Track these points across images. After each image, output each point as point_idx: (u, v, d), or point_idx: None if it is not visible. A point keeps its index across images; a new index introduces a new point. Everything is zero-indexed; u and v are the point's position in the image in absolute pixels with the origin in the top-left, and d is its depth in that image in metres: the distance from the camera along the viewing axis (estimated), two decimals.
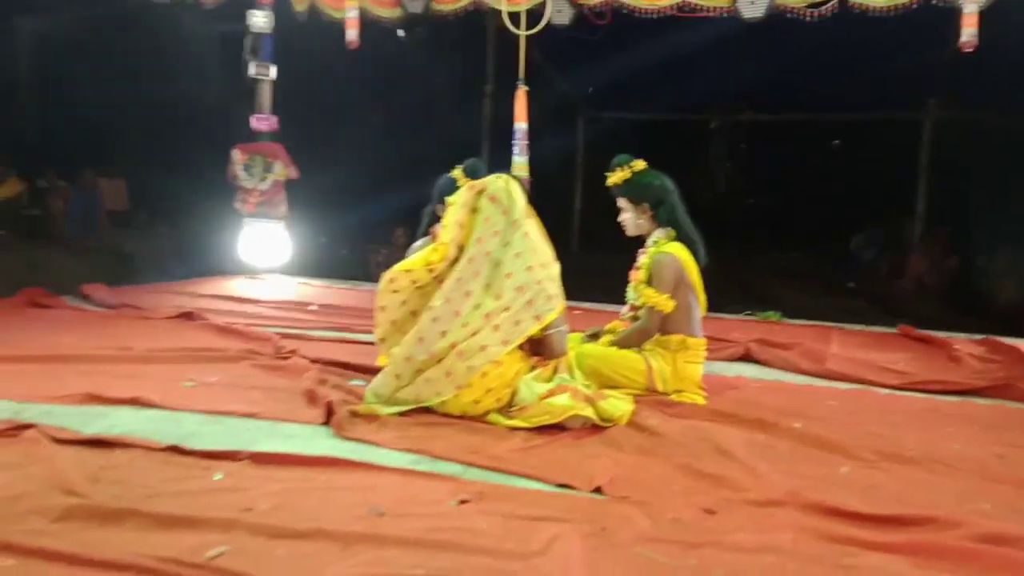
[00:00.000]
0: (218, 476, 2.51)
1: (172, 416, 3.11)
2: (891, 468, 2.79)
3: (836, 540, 2.17)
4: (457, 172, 4.08)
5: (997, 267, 11.16)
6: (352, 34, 6.49)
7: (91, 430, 2.84)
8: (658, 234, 3.67)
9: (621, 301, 3.86)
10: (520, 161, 5.49)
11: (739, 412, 3.34)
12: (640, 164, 3.69)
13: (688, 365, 3.60)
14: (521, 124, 5.55)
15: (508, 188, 3.37)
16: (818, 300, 10.05)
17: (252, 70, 7.19)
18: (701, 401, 3.53)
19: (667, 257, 3.55)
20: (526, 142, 5.48)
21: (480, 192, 3.37)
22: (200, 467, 2.58)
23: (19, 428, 2.78)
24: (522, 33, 5.92)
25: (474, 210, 3.35)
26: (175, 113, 13.76)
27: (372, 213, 10.13)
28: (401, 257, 9.62)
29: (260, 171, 7.31)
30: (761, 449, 2.95)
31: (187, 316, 4.98)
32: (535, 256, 3.29)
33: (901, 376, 4.13)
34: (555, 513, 2.31)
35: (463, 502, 2.38)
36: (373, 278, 9.50)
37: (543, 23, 5.91)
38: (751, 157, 15.60)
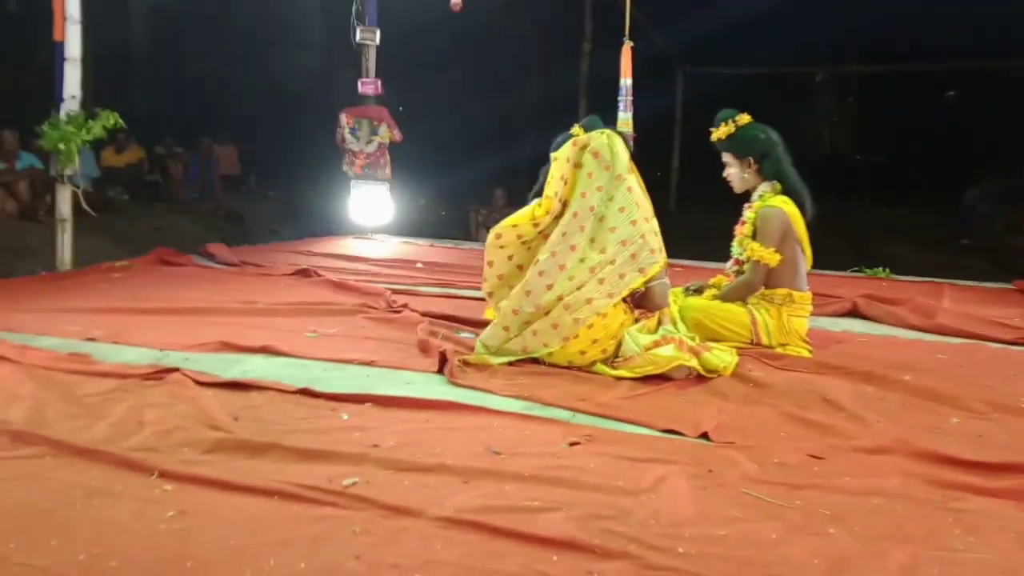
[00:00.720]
0: (345, 416, 2.70)
1: (299, 363, 3.33)
2: (1002, 419, 2.78)
3: (944, 485, 2.20)
4: (576, 130, 4.14)
5: None
6: None
7: (229, 374, 3.08)
8: (764, 188, 3.68)
9: (718, 258, 3.90)
10: (624, 117, 5.52)
11: (846, 365, 3.35)
12: (745, 118, 3.69)
13: (793, 319, 3.62)
14: (626, 80, 5.56)
15: (611, 143, 3.43)
16: (930, 257, 9.74)
17: (358, 35, 7.38)
18: (807, 354, 3.55)
19: (773, 210, 3.56)
20: (631, 98, 5.50)
21: (583, 147, 3.44)
22: (328, 408, 2.78)
23: (164, 371, 3.04)
24: None
25: (577, 165, 3.43)
26: (281, 78, 14.25)
27: (471, 174, 10.30)
28: (502, 217, 9.77)
29: (367, 134, 7.54)
30: (869, 400, 2.96)
31: (304, 273, 5.25)
32: (638, 210, 3.35)
33: (1015, 331, 4.04)
34: (662, 455, 2.41)
35: (573, 444, 2.50)
36: (473, 237, 9.75)
37: None
38: (859, 110, 15.05)
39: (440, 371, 3.24)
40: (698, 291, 3.88)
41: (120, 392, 2.85)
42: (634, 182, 3.40)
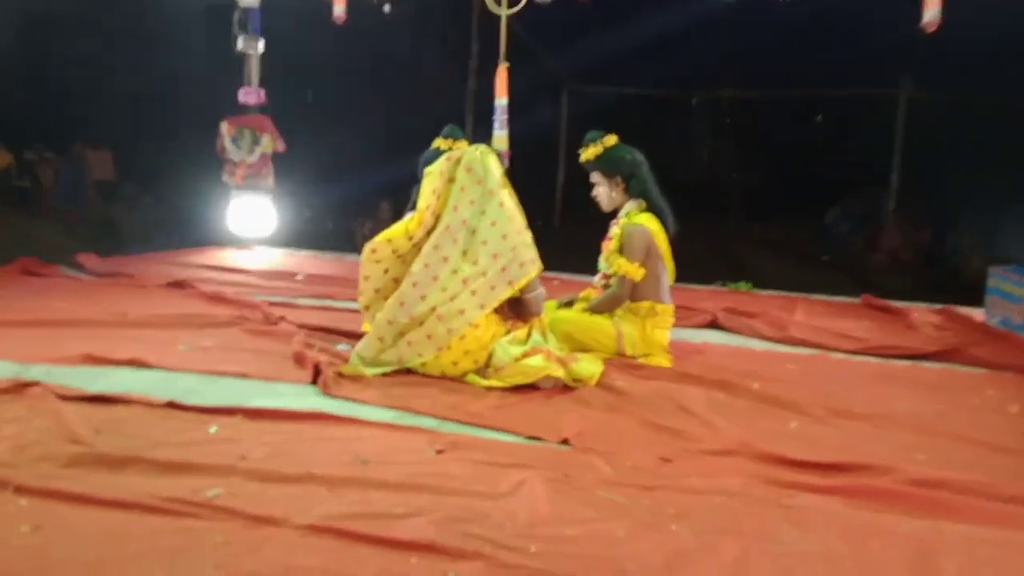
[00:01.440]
0: (214, 429, 2.70)
1: (169, 376, 3.30)
2: (837, 423, 3.03)
3: (779, 484, 2.39)
4: (439, 142, 4.25)
5: (966, 241, 11.46)
6: (339, 9, 6.60)
7: (93, 388, 3.02)
8: (630, 206, 3.87)
9: (596, 272, 4.06)
10: (500, 135, 5.68)
11: (703, 374, 3.56)
12: (612, 139, 3.88)
13: (656, 330, 3.82)
14: (502, 100, 5.73)
15: (483, 159, 3.54)
16: (793, 272, 10.30)
17: (240, 44, 7.29)
18: (667, 364, 3.75)
19: (638, 228, 3.76)
20: (506, 117, 5.67)
21: (457, 162, 3.55)
22: (197, 421, 2.77)
23: (24, 386, 2.96)
24: (503, 12, 6.05)
25: (451, 179, 3.54)
26: (161, 85, 13.80)
27: (357, 187, 10.27)
28: (385, 230, 9.71)
29: (248, 144, 7.43)
30: (719, 406, 3.17)
31: (179, 285, 5.15)
32: (510, 224, 3.48)
33: (858, 342, 4.36)
34: (523, 461, 2.52)
35: (439, 452, 2.59)
36: (359, 250, 9.70)
37: (522, 3, 6.04)
38: (733, 132, 15.78)
39: (314, 383, 3.27)
40: (569, 304, 4.04)
41: None
42: (506, 197, 3.52)
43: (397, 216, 9.53)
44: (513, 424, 2.85)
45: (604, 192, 3.92)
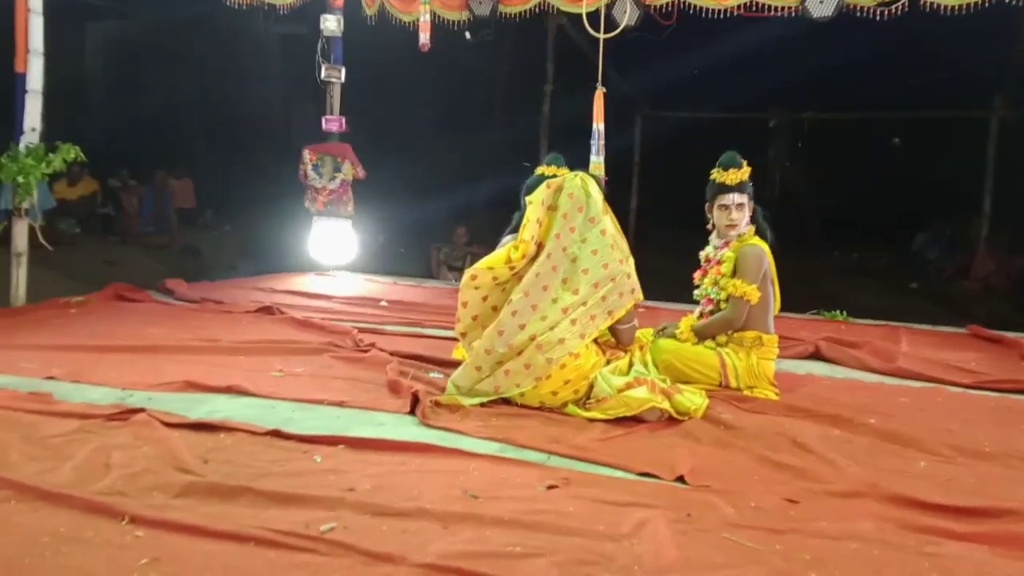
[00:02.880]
0: (318, 459, 2.66)
1: (267, 403, 3.28)
2: (968, 463, 2.83)
3: (917, 530, 2.23)
4: (542, 168, 4.19)
5: None
6: (424, 37, 6.64)
7: (195, 415, 3.02)
8: (744, 229, 3.76)
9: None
10: (597, 160, 5.61)
11: (813, 408, 3.40)
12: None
13: (762, 361, 3.67)
14: (599, 124, 5.66)
15: (585, 186, 3.47)
16: (882, 300, 9.96)
17: (324, 73, 7.38)
18: (774, 397, 3.59)
19: (756, 249, 3.66)
20: (603, 142, 5.59)
21: (558, 190, 3.47)
22: (300, 450, 2.73)
23: (129, 412, 2.97)
24: (601, 36, 6.01)
25: (552, 208, 3.46)
26: (238, 114, 14.18)
27: (431, 212, 10.30)
28: (463, 254, 9.71)
29: (330, 171, 7.50)
30: (838, 443, 3.00)
31: (266, 310, 5.18)
32: (611, 253, 3.38)
33: (973, 375, 4.13)
34: (640, 499, 2.41)
35: (551, 487, 2.49)
36: (434, 275, 9.72)
37: (622, 27, 6.00)
38: (812, 156, 15.42)
39: (412, 412, 3.21)
40: (667, 333, 3.91)
41: (84, 433, 2.78)
42: (608, 224, 3.43)
43: (473, 241, 9.45)
44: (622, 459, 2.74)
45: (746, 215, 3.79)
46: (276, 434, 2.85)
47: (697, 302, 3.95)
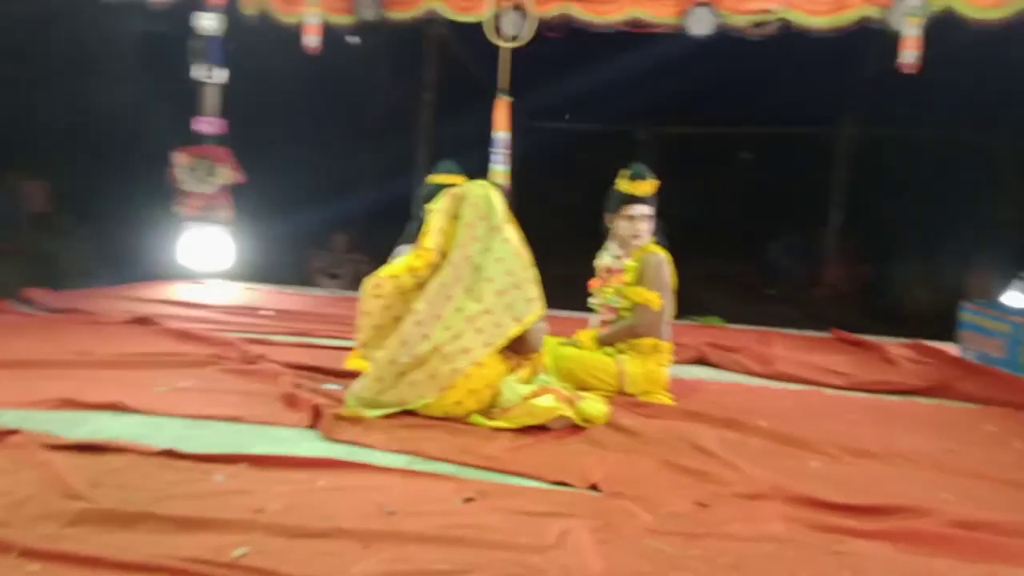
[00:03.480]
0: (220, 478, 2.52)
1: (154, 421, 3.08)
2: (856, 462, 3.00)
3: (824, 529, 2.33)
4: (436, 177, 4.14)
5: (907, 275, 11.82)
6: (313, 40, 6.48)
7: (76, 436, 2.80)
8: (646, 240, 3.85)
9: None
10: (500, 169, 5.61)
11: (707, 412, 3.51)
12: None
13: (658, 368, 3.76)
14: (502, 133, 5.67)
15: (487, 195, 3.46)
16: (744, 306, 10.44)
17: (198, 72, 7.07)
18: (670, 402, 3.69)
19: (657, 257, 3.76)
20: (507, 151, 5.60)
21: (460, 198, 3.45)
22: (199, 470, 2.58)
23: (4, 434, 2.72)
24: (505, 45, 6.03)
25: (455, 216, 3.43)
26: (96, 114, 13.35)
27: (309, 219, 10.03)
28: (341, 262, 9.50)
29: (204, 175, 7.20)
30: (734, 446, 3.11)
31: (141, 321, 4.89)
32: (516, 260, 3.39)
33: (845, 377, 4.39)
34: (559, 509, 2.40)
35: (468, 500, 2.46)
36: (312, 283, 9.47)
37: (529, 37, 6.05)
38: (676, 168, 16.02)
39: (313, 426, 3.10)
40: (572, 343, 3.95)
41: None
42: (511, 233, 3.43)
43: (353, 247, 9.24)
44: (535, 469, 2.74)
45: (651, 227, 3.87)
46: (170, 454, 2.67)
47: (591, 309, 4.02)
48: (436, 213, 3.42)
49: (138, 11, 6.95)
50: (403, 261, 3.40)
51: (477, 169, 5.82)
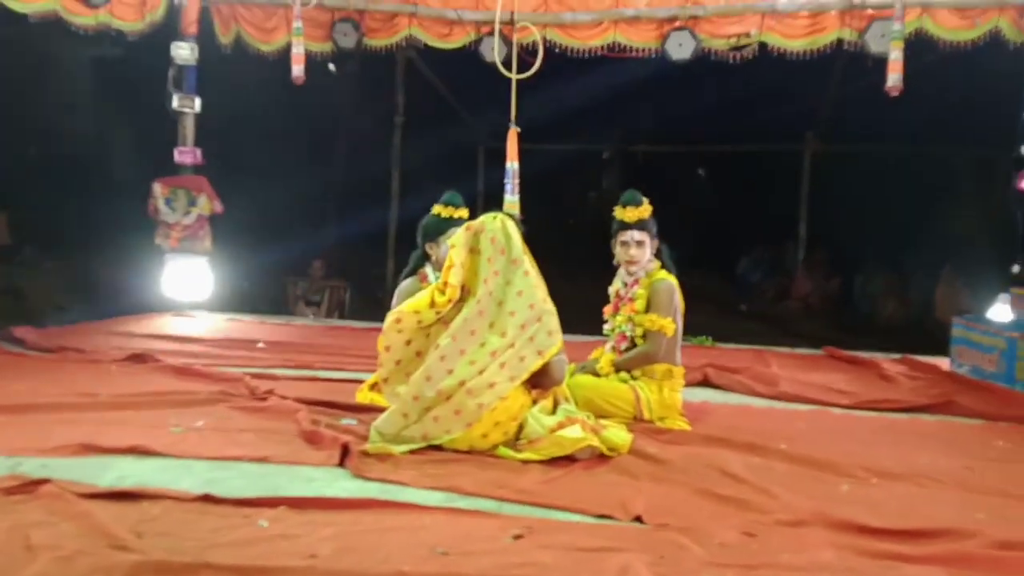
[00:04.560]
0: (264, 523, 2.49)
1: (178, 464, 3.03)
2: (883, 484, 3.04)
3: (873, 555, 2.36)
4: (438, 208, 4.13)
5: (875, 289, 12.05)
6: (298, 70, 6.47)
7: (104, 482, 2.75)
8: (649, 265, 3.87)
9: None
10: (512, 200, 5.62)
11: (726, 436, 3.54)
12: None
13: (672, 393, 3.79)
14: (513, 163, 5.70)
15: (505, 227, 3.47)
16: (714, 321, 10.54)
17: (176, 102, 7.00)
18: (687, 427, 3.72)
19: (667, 283, 3.79)
20: (517, 181, 5.62)
21: (478, 233, 3.46)
22: (240, 515, 2.54)
23: (32, 484, 2.66)
24: (514, 76, 6.07)
25: (474, 251, 3.44)
26: (53, 142, 13.08)
27: (285, 247, 9.93)
28: (320, 289, 9.40)
29: (184, 205, 7.10)
30: (761, 471, 3.14)
31: (138, 358, 4.80)
32: (536, 292, 3.40)
33: (849, 396, 4.46)
34: (610, 543, 2.41)
35: (518, 537, 2.45)
36: (291, 311, 9.37)
37: (536, 68, 6.11)
38: (644, 186, 16.21)
39: (341, 464, 3.07)
40: (589, 370, 3.97)
41: None
42: (529, 264, 3.44)
43: (330, 275, 9.17)
44: (575, 502, 2.74)
45: (647, 252, 3.90)
46: (207, 499, 2.64)
47: (605, 335, 4.04)
48: (456, 249, 3.42)
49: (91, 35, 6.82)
50: (424, 296, 3.39)
51: (452, 190, 5.85)
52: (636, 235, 3.92)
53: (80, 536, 2.31)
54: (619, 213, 3.95)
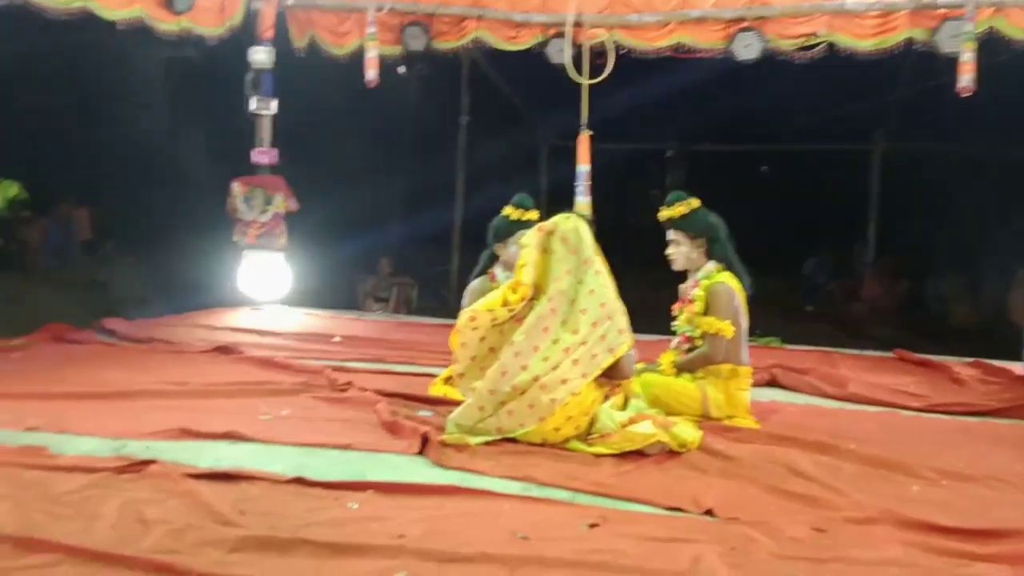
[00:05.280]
0: (354, 505, 2.64)
1: (270, 449, 3.21)
2: (954, 486, 3.07)
3: (941, 553, 2.41)
4: (508, 210, 4.27)
5: (947, 291, 11.81)
6: (372, 73, 6.66)
7: (203, 464, 2.94)
8: (710, 267, 3.93)
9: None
10: (583, 201, 5.74)
11: (794, 435, 3.59)
12: (696, 201, 3.96)
13: (739, 392, 3.86)
14: (584, 166, 5.81)
15: (577, 228, 3.57)
16: (779, 322, 10.47)
17: (253, 105, 7.26)
18: (755, 425, 3.78)
19: (724, 286, 3.84)
20: (588, 183, 5.73)
21: (550, 233, 3.57)
22: (331, 498, 2.71)
23: (140, 464, 2.86)
24: (585, 81, 6.17)
25: (546, 251, 3.55)
26: (128, 140, 13.58)
27: (357, 244, 10.19)
28: (388, 286, 9.64)
29: (261, 204, 7.37)
30: (830, 470, 3.19)
31: (223, 350, 5.04)
32: (607, 291, 3.50)
33: (920, 399, 4.45)
34: (683, 535, 2.51)
35: (593, 525, 2.56)
36: (360, 307, 9.62)
37: (607, 72, 6.21)
38: (708, 186, 16.13)
39: (421, 452, 3.22)
40: (652, 369, 4.05)
41: (98, 488, 2.67)
42: (600, 264, 3.55)
43: (398, 272, 9.36)
44: (646, 494, 2.84)
45: (684, 252, 3.97)
46: (300, 481, 2.81)
47: (675, 332, 4.12)
48: (528, 249, 3.53)
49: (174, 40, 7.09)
50: (498, 295, 3.52)
51: (516, 189, 5.97)
52: (670, 234, 4.00)
53: (188, 512, 2.49)
54: (660, 214, 4.04)
